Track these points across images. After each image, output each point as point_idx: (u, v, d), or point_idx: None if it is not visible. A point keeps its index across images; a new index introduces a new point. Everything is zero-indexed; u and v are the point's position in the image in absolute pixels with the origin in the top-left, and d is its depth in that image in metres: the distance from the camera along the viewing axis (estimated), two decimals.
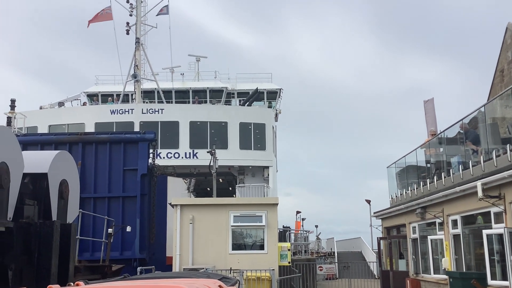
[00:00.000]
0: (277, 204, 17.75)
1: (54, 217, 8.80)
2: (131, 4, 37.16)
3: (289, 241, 30.24)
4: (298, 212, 46.45)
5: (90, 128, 31.96)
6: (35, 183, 8.69)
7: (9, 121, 30.15)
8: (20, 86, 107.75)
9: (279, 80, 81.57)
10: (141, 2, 37.42)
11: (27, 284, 7.39)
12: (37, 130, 31.32)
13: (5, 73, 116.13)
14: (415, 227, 19.12)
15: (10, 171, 7.49)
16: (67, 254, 8.58)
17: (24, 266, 7.92)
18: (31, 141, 17.66)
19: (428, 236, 17.69)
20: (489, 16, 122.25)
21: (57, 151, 9.50)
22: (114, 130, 29.00)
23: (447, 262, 15.53)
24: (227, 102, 40.55)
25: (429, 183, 17.73)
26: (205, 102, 39.42)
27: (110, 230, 15.10)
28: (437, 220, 16.47)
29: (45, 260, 7.93)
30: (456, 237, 15.38)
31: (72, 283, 5.56)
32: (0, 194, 7.25)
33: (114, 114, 33.24)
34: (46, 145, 17.48)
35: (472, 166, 14.39)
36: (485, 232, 13.03)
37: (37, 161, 8.82)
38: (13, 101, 31.33)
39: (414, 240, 19.23)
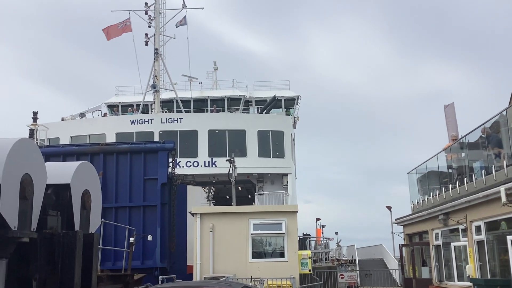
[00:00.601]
0: (296, 211, 17.70)
1: (77, 227, 8.91)
2: (149, 15, 37.70)
3: (310, 249, 30.08)
4: (318, 219, 46.23)
5: (111, 138, 32.37)
6: (58, 194, 8.82)
7: (31, 133, 30.75)
8: (41, 98, 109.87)
9: (297, 87, 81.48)
10: (160, 13, 37.93)
11: None
12: (59, 141, 31.85)
13: (27, 85, 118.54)
14: (437, 233, 18.84)
15: (33, 182, 7.63)
16: (90, 263, 8.67)
17: (48, 277, 8.02)
18: (54, 152, 17.96)
19: (452, 243, 17.41)
20: (510, 19, 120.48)
21: (79, 162, 9.63)
22: (134, 140, 29.31)
23: (471, 269, 15.26)
24: (245, 110, 40.70)
25: (452, 189, 17.48)
26: (223, 110, 39.61)
27: (131, 239, 15.23)
28: (460, 227, 16.21)
29: (68, 270, 8.02)
30: (480, 243, 15.11)
31: None
32: (24, 205, 7.38)
33: (134, 124, 33.63)
34: (68, 156, 17.77)
35: (495, 171, 14.15)
36: (509, 238, 12.79)
37: (60, 172, 8.95)
38: (35, 113, 31.95)
39: (437, 247, 18.95)
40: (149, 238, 16.79)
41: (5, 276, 7.02)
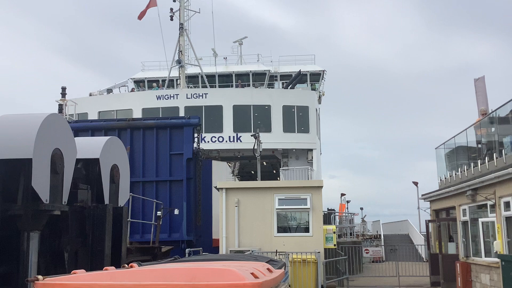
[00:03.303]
0: (321, 186, 17.69)
1: (107, 201, 9.11)
2: None
3: (334, 224, 30.14)
4: (342, 195, 46.17)
5: (137, 113, 32.74)
6: (88, 168, 9.01)
7: (60, 108, 31.37)
8: (69, 74, 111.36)
9: (322, 62, 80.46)
10: None
11: (82, 265, 7.72)
12: (87, 117, 32.37)
13: (54, 60, 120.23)
14: (465, 209, 18.60)
15: (64, 157, 7.80)
16: (120, 236, 8.89)
17: (79, 248, 8.27)
18: (82, 127, 18.30)
19: (479, 219, 17.18)
20: None
21: (107, 137, 9.79)
22: (160, 116, 29.57)
23: (499, 245, 15.07)
24: (270, 85, 40.48)
25: (480, 164, 17.15)
26: (248, 85, 39.47)
27: (159, 213, 15.53)
28: (489, 202, 15.96)
29: (99, 242, 8.25)
30: (508, 219, 14.87)
31: (126, 265, 5.76)
32: (55, 180, 7.56)
33: (160, 99, 33.87)
34: (96, 131, 18.08)
35: None
36: None
37: (89, 147, 9.13)
38: (63, 88, 32.52)
39: (465, 223, 18.74)
40: (176, 211, 17.09)
41: (38, 247, 7.26)
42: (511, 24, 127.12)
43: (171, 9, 37.19)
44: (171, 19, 37.20)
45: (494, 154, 16.21)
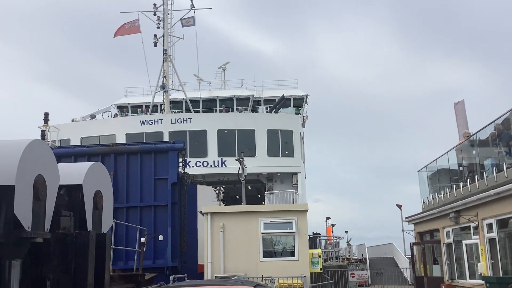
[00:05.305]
0: (307, 210, 17.71)
1: (90, 227, 8.99)
2: (158, 16, 37.82)
3: (320, 248, 30.04)
4: (327, 218, 46.15)
5: (121, 139, 32.56)
6: (71, 195, 8.90)
7: (43, 134, 31.08)
8: (51, 100, 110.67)
9: (305, 87, 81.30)
10: (168, 14, 38.03)
11: None
12: (70, 142, 32.07)
13: (36, 87, 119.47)
14: (449, 231, 18.75)
15: (46, 183, 7.71)
16: (103, 263, 8.74)
17: (61, 276, 8.10)
18: (65, 153, 18.12)
19: (463, 241, 17.32)
20: None
21: (90, 163, 9.71)
22: (144, 141, 29.46)
23: (483, 267, 15.17)
24: (254, 110, 40.72)
25: (462, 187, 17.38)
26: (232, 110, 39.66)
27: (142, 239, 15.32)
28: (472, 224, 16.12)
29: (81, 269, 8.10)
30: (491, 241, 15.01)
31: None
32: (37, 206, 7.46)
33: (144, 124, 33.80)
34: (79, 157, 17.92)
35: (507, 168, 14.05)
36: None
37: (72, 173, 9.03)
38: (46, 114, 32.31)
39: (449, 245, 18.86)
40: (160, 237, 16.89)
41: (20, 276, 7.11)
42: (487, 49, 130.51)
43: (155, 35, 37.49)
44: (155, 45, 37.46)
45: (476, 176, 16.45)
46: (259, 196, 39.04)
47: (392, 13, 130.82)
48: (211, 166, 33.01)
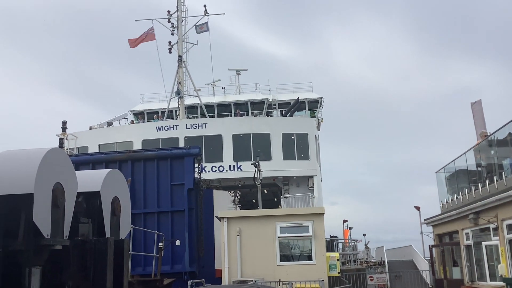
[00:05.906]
0: (323, 213, 17.65)
1: (108, 234, 9.06)
2: (172, 23, 38.14)
3: (337, 251, 29.87)
4: (345, 221, 45.82)
5: (137, 145, 32.86)
6: (89, 202, 8.99)
7: (61, 142, 31.54)
8: (69, 108, 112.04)
9: (320, 89, 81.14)
10: (182, 21, 38.33)
11: None
12: (87, 150, 32.47)
13: (54, 95, 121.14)
14: (468, 233, 18.51)
15: (65, 191, 7.81)
16: (121, 269, 8.80)
17: (80, 283, 8.18)
18: (83, 160, 18.36)
19: (483, 242, 17.09)
20: None
21: (108, 170, 9.80)
22: (161, 147, 29.68)
23: (504, 268, 14.94)
24: (269, 114, 40.74)
25: (481, 187, 17.17)
26: (247, 114, 39.74)
27: (160, 245, 15.43)
28: (491, 226, 15.90)
29: (100, 276, 8.17)
30: None
31: None
32: (56, 214, 7.56)
33: (159, 131, 34.05)
34: (97, 164, 18.14)
35: None
36: None
37: (90, 180, 9.13)
38: (64, 123, 32.80)
39: (468, 247, 18.61)
40: (178, 243, 16.98)
41: (40, 283, 7.21)
42: (503, 47, 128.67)
43: (170, 42, 37.80)
44: (170, 52, 37.77)
45: (495, 177, 16.23)
46: (275, 200, 39.00)
47: (407, 13, 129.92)
48: (226, 170, 33.08)
